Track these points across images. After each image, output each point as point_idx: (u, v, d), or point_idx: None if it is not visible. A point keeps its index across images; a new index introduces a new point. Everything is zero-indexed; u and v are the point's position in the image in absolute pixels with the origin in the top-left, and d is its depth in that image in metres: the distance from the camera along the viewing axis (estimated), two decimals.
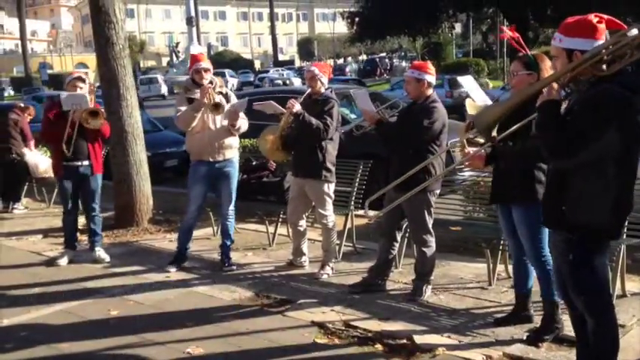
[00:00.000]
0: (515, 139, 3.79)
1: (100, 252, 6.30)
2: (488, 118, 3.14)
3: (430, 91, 4.86)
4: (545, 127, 2.96)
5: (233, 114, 5.61)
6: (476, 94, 4.54)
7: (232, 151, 5.86)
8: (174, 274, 5.74)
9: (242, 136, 8.55)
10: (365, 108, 5.00)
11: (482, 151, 3.96)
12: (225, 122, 5.68)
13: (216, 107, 5.52)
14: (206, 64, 5.74)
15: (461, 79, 5.26)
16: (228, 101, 5.73)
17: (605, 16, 2.97)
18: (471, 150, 4.01)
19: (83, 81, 6.09)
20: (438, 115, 4.76)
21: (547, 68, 3.83)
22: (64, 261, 6.19)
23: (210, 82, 5.61)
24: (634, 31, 2.82)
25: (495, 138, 3.28)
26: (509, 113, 3.16)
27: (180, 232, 6.07)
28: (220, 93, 5.67)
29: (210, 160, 5.72)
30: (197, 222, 6.08)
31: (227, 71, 48.14)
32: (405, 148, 4.76)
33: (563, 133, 2.88)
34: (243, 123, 5.75)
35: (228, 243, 5.93)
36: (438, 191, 4.98)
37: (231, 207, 5.91)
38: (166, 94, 41.39)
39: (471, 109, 4.12)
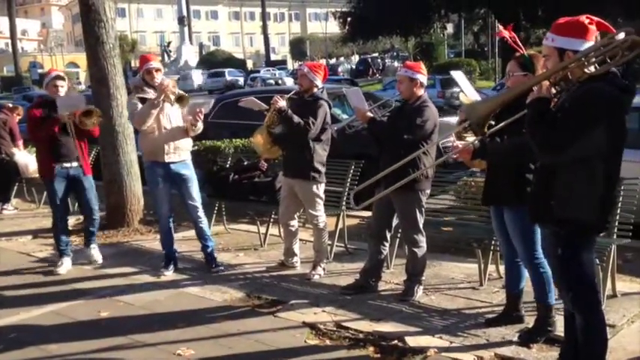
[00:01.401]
0: (503, 135, 3.80)
1: (94, 250, 6.24)
2: (480, 112, 3.16)
3: (422, 91, 4.87)
4: (534, 123, 3.00)
5: (198, 113, 5.57)
6: (467, 89, 4.54)
7: (187, 152, 5.79)
8: (165, 275, 5.72)
9: (233, 135, 8.58)
10: (357, 106, 4.99)
11: (470, 145, 3.96)
12: (182, 123, 5.65)
13: (181, 99, 5.51)
14: (157, 64, 5.73)
15: (453, 73, 5.29)
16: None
17: (595, 18, 3.04)
18: (459, 144, 4.02)
19: (63, 79, 5.99)
20: (429, 115, 4.76)
21: (542, 68, 3.85)
22: (63, 269, 5.98)
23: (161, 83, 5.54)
24: (621, 34, 2.89)
25: (485, 132, 3.30)
26: (500, 108, 3.21)
27: (160, 235, 6.01)
28: (174, 94, 5.55)
29: (166, 160, 5.62)
30: (180, 221, 6.01)
31: (227, 70, 47.89)
32: (397, 146, 4.75)
33: (553, 130, 2.93)
34: (200, 124, 5.69)
35: (210, 244, 5.88)
36: (428, 191, 4.97)
37: (200, 210, 5.84)
38: None
39: (466, 102, 4.13)
